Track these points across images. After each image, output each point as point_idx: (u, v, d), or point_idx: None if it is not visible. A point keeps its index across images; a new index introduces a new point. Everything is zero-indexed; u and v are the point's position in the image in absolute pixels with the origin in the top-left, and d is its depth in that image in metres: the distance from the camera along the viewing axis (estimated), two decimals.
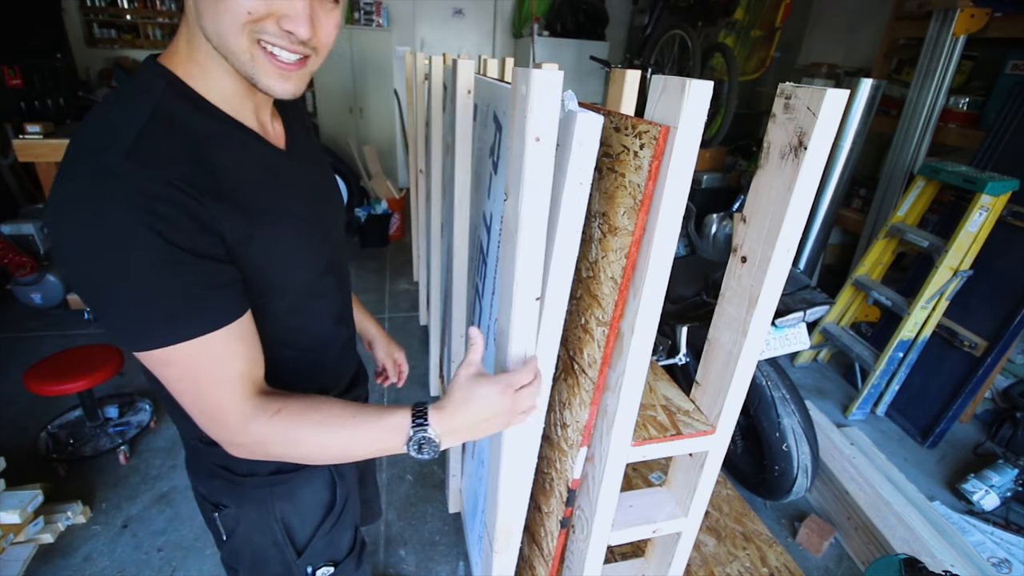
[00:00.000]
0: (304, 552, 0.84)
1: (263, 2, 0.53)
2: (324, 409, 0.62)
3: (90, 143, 0.52)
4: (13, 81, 3.26)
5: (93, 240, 0.50)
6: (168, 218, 0.51)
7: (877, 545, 1.70)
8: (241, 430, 0.60)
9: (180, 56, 0.59)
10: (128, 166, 0.50)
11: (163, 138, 0.54)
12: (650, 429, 0.83)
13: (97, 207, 0.49)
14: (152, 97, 0.56)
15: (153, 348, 0.54)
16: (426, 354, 2.71)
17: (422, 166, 2.58)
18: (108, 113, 0.55)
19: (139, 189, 0.50)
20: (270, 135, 0.68)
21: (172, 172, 0.52)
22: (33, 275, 2.83)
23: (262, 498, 0.78)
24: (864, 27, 3.43)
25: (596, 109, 0.68)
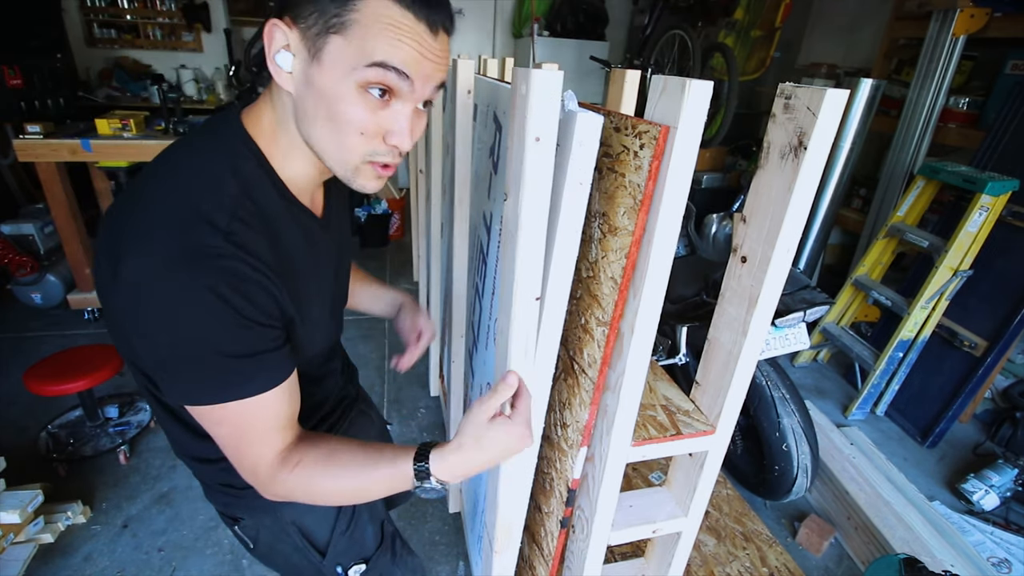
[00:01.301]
0: (327, 552, 0.84)
1: (374, 120, 0.56)
2: (338, 454, 0.65)
3: (182, 209, 0.53)
4: (13, 81, 3.26)
5: (176, 311, 0.52)
6: (252, 298, 0.55)
7: (877, 545, 1.70)
8: (270, 481, 0.63)
9: (264, 132, 0.61)
10: (225, 248, 0.53)
11: (252, 219, 0.57)
12: (650, 429, 0.83)
13: (189, 280, 0.51)
14: (243, 174, 0.58)
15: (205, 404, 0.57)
16: (426, 354, 2.71)
17: (422, 166, 2.58)
18: (197, 178, 0.56)
19: (232, 271, 0.53)
20: (315, 205, 0.70)
21: (259, 256, 0.56)
22: (33, 275, 2.83)
23: (269, 506, 0.79)
24: (864, 27, 3.43)
25: (596, 109, 0.68)
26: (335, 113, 0.55)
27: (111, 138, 2.63)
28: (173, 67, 4.60)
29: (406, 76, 0.54)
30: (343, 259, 0.81)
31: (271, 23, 0.53)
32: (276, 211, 0.61)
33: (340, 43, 0.52)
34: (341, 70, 0.52)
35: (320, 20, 0.51)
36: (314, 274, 0.69)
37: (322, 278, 0.72)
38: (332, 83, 0.53)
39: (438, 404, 2.44)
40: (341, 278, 0.81)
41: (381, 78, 0.53)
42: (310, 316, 0.68)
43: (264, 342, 0.57)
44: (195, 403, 0.57)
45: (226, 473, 0.74)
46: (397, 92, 0.55)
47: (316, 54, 0.53)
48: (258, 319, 0.56)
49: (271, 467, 0.63)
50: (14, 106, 3.33)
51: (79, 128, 2.75)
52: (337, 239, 0.76)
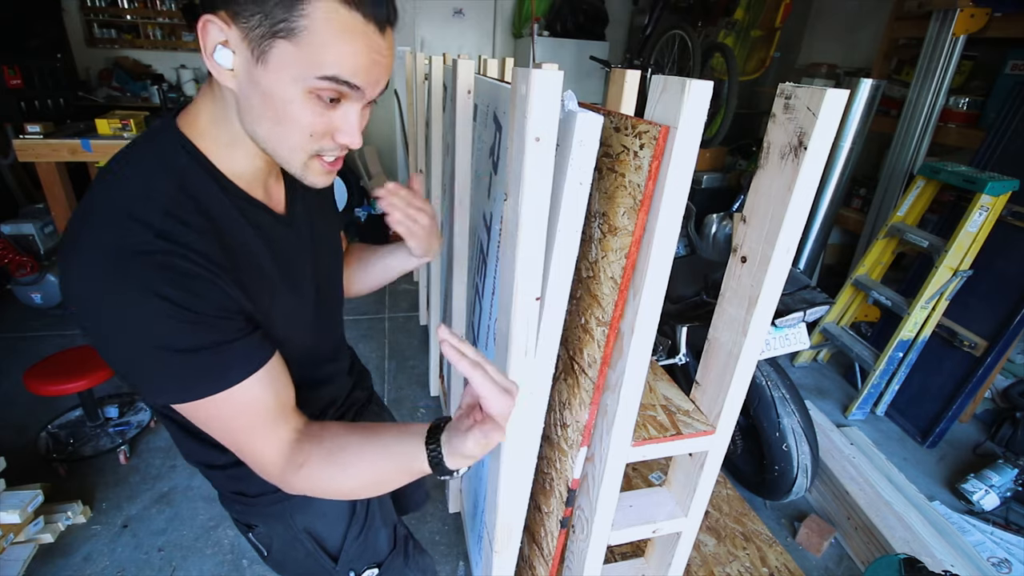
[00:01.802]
0: (340, 558, 0.84)
1: (322, 121, 0.56)
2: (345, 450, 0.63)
3: (114, 215, 0.52)
4: (13, 81, 3.26)
5: (123, 315, 0.51)
6: (197, 293, 0.53)
7: (877, 545, 1.70)
8: (280, 479, 0.63)
9: (201, 130, 0.59)
10: (159, 245, 0.51)
11: (189, 216, 0.55)
12: (650, 429, 0.83)
13: (125, 286, 0.50)
14: (176, 171, 0.57)
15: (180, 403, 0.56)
16: (426, 354, 2.71)
17: (422, 166, 2.58)
18: (131, 180, 0.55)
19: (169, 266, 0.51)
20: (272, 201, 0.68)
21: (199, 251, 0.54)
22: (33, 275, 2.83)
23: (281, 513, 0.79)
24: (864, 27, 3.43)
25: (596, 109, 0.68)
26: (283, 115, 0.54)
27: (111, 138, 2.63)
28: (173, 67, 4.60)
29: (356, 86, 0.54)
30: (321, 255, 0.78)
31: (205, 19, 0.51)
32: (219, 206, 0.59)
33: (288, 48, 0.50)
34: (289, 75, 0.52)
35: (265, 22, 0.50)
36: (279, 269, 0.66)
37: (292, 275, 0.69)
38: (279, 87, 0.52)
39: (438, 404, 2.44)
40: (322, 274, 0.78)
41: (332, 88, 0.53)
42: (279, 312, 0.66)
43: (223, 333, 0.55)
44: (171, 402, 0.57)
45: (236, 480, 0.74)
46: (346, 96, 0.55)
47: (261, 56, 0.51)
48: (209, 312, 0.54)
49: (277, 464, 0.62)
50: (14, 106, 3.33)
51: (79, 128, 2.75)
52: (308, 235, 0.74)
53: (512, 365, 0.76)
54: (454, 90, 1.27)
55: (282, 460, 0.62)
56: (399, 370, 2.69)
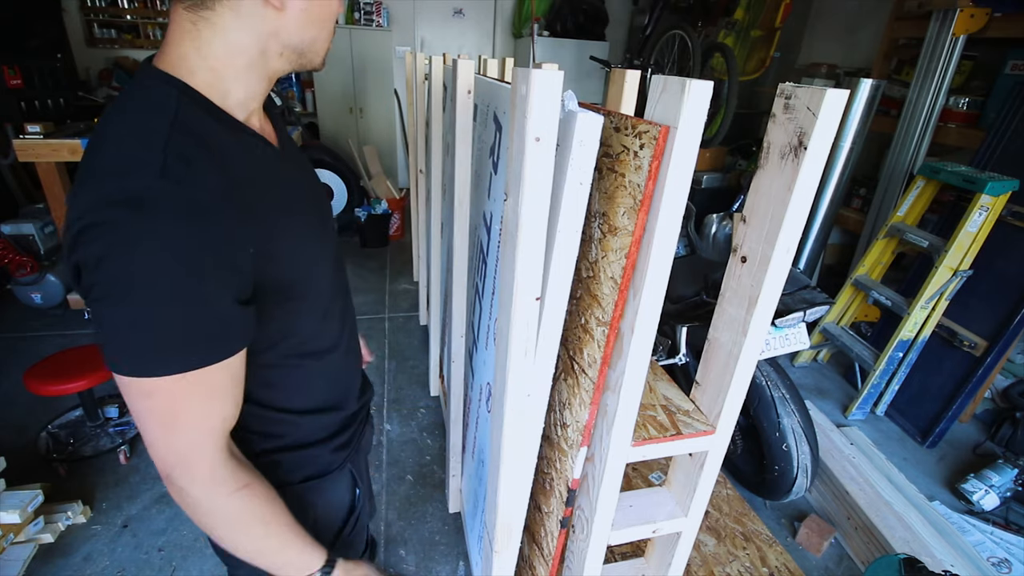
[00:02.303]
0: None
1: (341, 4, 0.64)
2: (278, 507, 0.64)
3: (114, 163, 0.50)
4: (13, 81, 3.26)
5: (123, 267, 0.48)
6: (203, 247, 0.50)
7: (877, 545, 1.70)
8: (203, 485, 0.58)
9: (189, 64, 0.56)
10: (162, 188, 0.48)
11: (191, 152, 0.52)
12: (650, 429, 0.83)
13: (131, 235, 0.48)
14: (168, 108, 0.53)
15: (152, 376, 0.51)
16: (426, 354, 2.71)
17: (422, 166, 2.58)
18: (122, 127, 0.53)
19: (176, 214, 0.49)
20: (266, 134, 0.67)
21: (207, 189, 0.51)
22: (33, 275, 2.83)
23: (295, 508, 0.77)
24: (864, 27, 3.43)
25: (596, 109, 0.68)
26: (324, 12, 0.61)
27: None
28: None
29: None
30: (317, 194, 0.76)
31: None
32: (219, 141, 0.56)
33: None
34: None
35: None
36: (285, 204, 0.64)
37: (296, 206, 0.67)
38: None
39: (438, 404, 2.44)
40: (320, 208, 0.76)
41: None
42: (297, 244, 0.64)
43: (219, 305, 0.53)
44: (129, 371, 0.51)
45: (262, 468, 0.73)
46: None
47: None
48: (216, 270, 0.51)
49: (212, 468, 0.57)
50: (14, 106, 3.33)
51: (79, 128, 2.75)
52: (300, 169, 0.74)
53: (512, 365, 0.76)
54: (454, 90, 1.27)
55: (220, 470, 0.58)
56: (399, 370, 2.69)
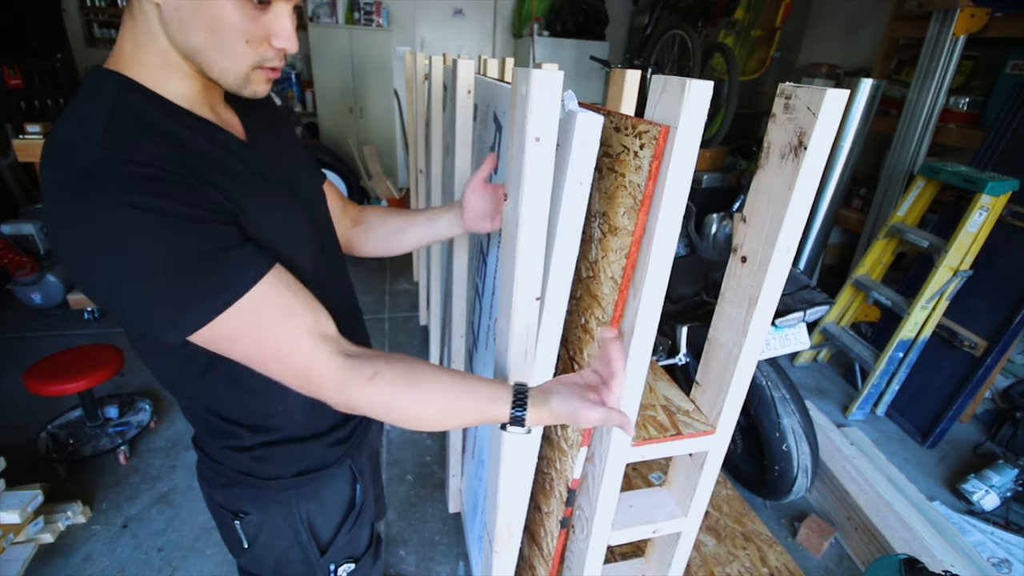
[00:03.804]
0: (328, 551, 0.84)
1: (257, 27, 0.55)
2: (423, 376, 0.63)
3: (59, 153, 0.51)
4: (13, 81, 3.26)
5: (93, 242, 0.48)
6: (160, 192, 0.49)
7: (877, 545, 1.70)
8: (338, 391, 0.60)
9: (126, 59, 0.57)
10: (105, 155, 0.49)
11: (130, 132, 0.52)
12: (650, 429, 0.83)
13: (87, 205, 0.48)
14: (107, 98, 0.54)
15: (199, 328, 0.52)
16: (426, 354, 2.71)
17: (422, 166, 2.58)
18: (67, 123, 0.54)
19: (123, 173, 0.49)
20: (228, 126, 0.66)
21: (150, 160, 0.51)
22: (33, 275, 2.83)
23: (287, 499, 0.78)
24: (864, 27, 3.43)
25: (596, 109, 0.68)
26: (216, 23, 0.53)
27: None
28: None
29: None
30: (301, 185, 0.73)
31: None
32: (165, 126, 0.56)
33: None
34: None
35: None
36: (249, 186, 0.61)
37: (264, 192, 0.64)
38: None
39: None
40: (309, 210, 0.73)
41: None
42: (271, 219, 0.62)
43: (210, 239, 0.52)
44: (189, 329, 0.52)
45: (254, 461, 0.74)
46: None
47: None
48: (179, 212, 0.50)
49: (330, 374, 0.58)
50: (14, 106, 3.33)
51: None
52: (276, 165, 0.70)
53: (512, 365, 0.76)
54: (454, 90, 1.27)
55: (339, 372, 0.59)
56: None
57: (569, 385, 0.65)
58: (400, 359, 0.64)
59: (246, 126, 0.69)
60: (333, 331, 0.62)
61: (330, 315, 0.63)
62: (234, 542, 0.81)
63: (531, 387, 0.66)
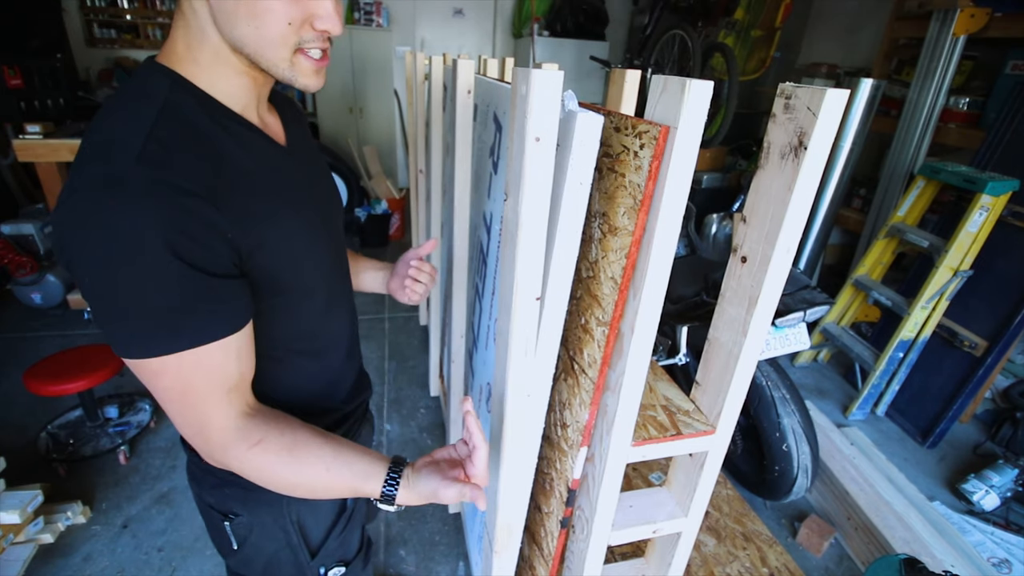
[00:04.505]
0: (318, 553, 0.84)
1: (298, 8, 0.55)
2: (304, 447, 0.63)
3: (98, 149, 0.52)
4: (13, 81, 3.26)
5: (100, 250, 0.49)
6: (177, 227, 0.51)
7: (877, 545, 1.70)
8: (221, 450, 0.61)
9: (179, 56, 0.58)
10: (139, 172, 0.50)
11: (174, 139, 0.53)
12: (650, 429, 0.83)
13: (106, 216, 0.49)
14: (158, 97, 0.55)
15: (150, 357, 0.54)
16: (426, 354, 2.71)
17: (422, 166, 2.58)
18: (114, 115, 0.55)
19: (150, 195, 0.50)
20: (269, 129, 0.67)
21: (185, 176, 0.52)
22: (33, 275, 2.83)
23: (277, 501, 0.77)
24: (864, 27, 3.43)
25: (596, 109, 0.68)
26: (258, 8, 0.53)
27: None
28: None
29: None
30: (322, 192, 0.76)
31: None
32: (210, 129, 0.57)
33: None
34: None
35: None
36: (282, 198, 0.64)
37: (296, 204, 0.66)
38: None
39: (438, 404, 2.44)
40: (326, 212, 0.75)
41: None
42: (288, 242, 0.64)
43: (201, 288, 0.54)
44: (130, 355, 0.54)
45: None
46: None
47: None
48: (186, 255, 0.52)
49: (224, 432, 0.60)
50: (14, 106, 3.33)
51: (79, 128, 2.76)
52: (307, 170, 0.73)
53: (512, 365, 0.76)
54: (454, 90, 1.27)
55: (232, 432, 0.60)
56: (399, 371, 2.69)
57: (433, 464, 0.67)
58: (291, 428, 0.64)
59: (286, 129, 0.71)
60: (246, 386, 0.63)
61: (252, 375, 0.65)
62: (223, 543, 0.81)
63: (407, 464, 0.67)
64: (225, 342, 0.57)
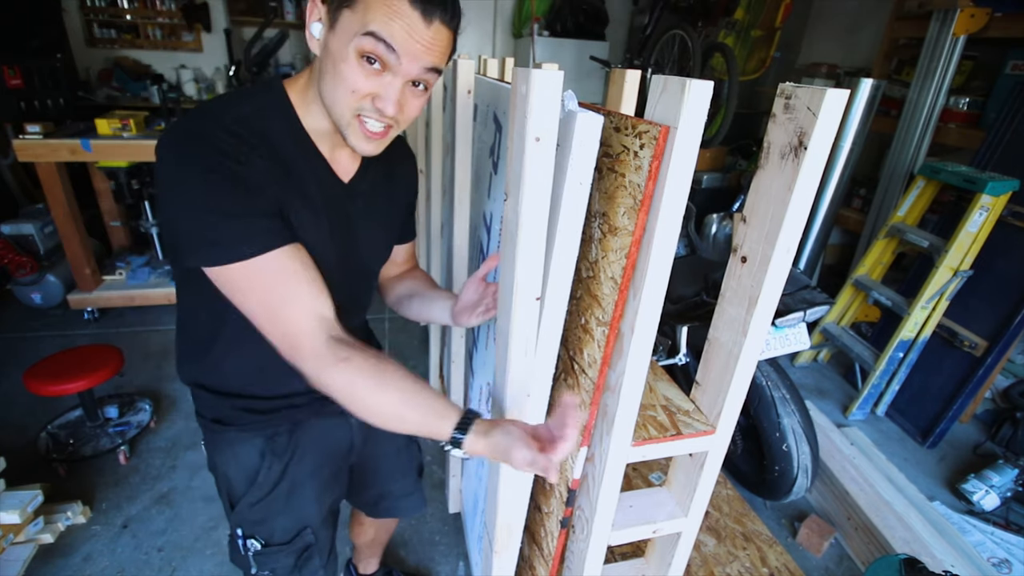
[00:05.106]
0: (235, 508, 0.90)
1: (366, 83, 0.67)
2: (388, 374, 0.69)
3: (205, 110, 0.70)
4: (13, 81, 3.25)
5: (177, 178, 0.65)
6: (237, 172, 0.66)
7: (877, 545, 1.70)
8: (313, 359, 0.68)
9: (297, 88, 0.75)
10: (219, 134, 0.66)
11: (252, 136, 0.69)
12: (650, 429, 0.83)
13: (186, 152, 0.65)
14: (261, 105, 0.72)
15: (237, 260, 0.65)
16: (426, 354, 2.70)
17: (422, 166, 2.58)
18: (225, 99, 0.72)
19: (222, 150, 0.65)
20: (338, 165, 0.80)
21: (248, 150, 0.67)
22: (33, 275, 2.83)
23: (214, 440, 0.89)
24: (864, 27, 3.43)
25: (596, 109, 0.68)
26: (337, 72, 0.66)
27: (111, 138, 2.62)
28: (173, 67, 4.60)
29: (393, 49, 0.64)
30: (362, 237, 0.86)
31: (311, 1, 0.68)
32: (283, 142, 0.72)
33: (348, 15, 0.64)
34: (346, 36, 0.64)
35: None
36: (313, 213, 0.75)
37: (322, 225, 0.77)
38: (339, 47, 0.65)
39: None
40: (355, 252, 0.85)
41: (372, 47, 0.64)
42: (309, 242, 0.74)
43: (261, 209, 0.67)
44: (212, 262, 0.66)
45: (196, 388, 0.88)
46: (387, 64, 0.66)
47: (332, 24, 0.65)
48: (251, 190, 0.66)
49: (313, 340, 0.68)
50: (14, 106, 3.32)
51: (79, 128, 2.75)
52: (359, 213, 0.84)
53: (512, 365, 0.76)
54: (454, 90, 1.27)
55: (320, 340, 0.68)
56: None
57: (521, 427, 0.68)
58: (376, 355, 0.70)
59: (360, 174, 0.83)
60: (330, 313, 0.72)
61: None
62: None
63: (483, 418, 0.69)
64: (290, 250, 0.69)
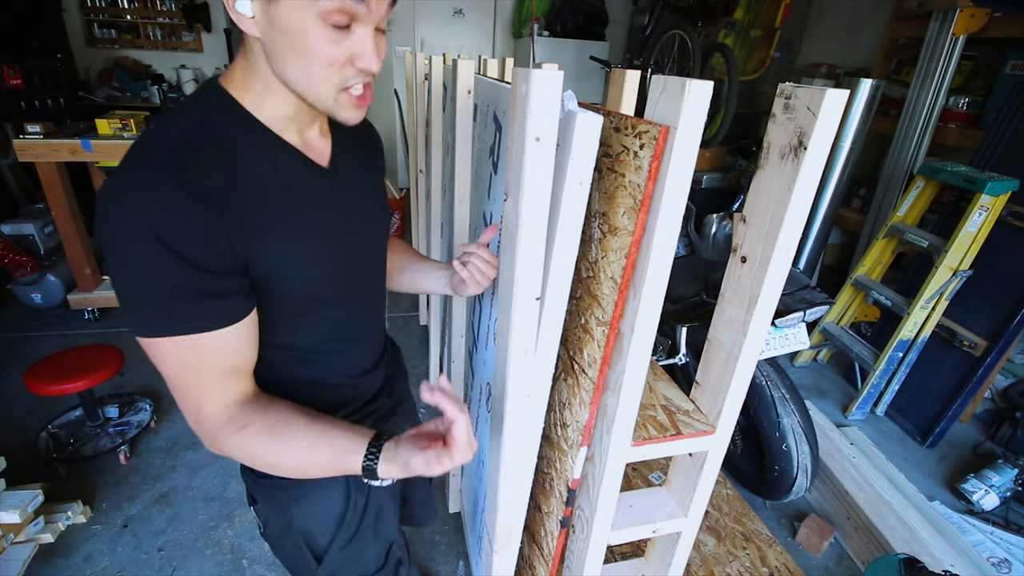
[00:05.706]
0: (323, 561, 0.84)
1: (339, 50, 0.58)
2: (289, 428, 0.66)
3: (139, 147, 0.59)
4: (13, 81, 3.25)
5: (118, 236, 0.55)
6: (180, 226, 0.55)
7: (877, 545, 1.70)
8: (210, 435, 0.65)
9: (236, 81, 0.64)
10: (160, 172, 0.55)
11: (201, 148, 0.59)
12: (650, 429, 0.83)
13: (126, 207, 0.55)
14: (203, 110, 0.62)
15: (150, 337, 0.59)
16: (426, 354, 2.71)
17: (422, 166, 2.58)
18: (165, 118, 0.62)
19: (162, 195, 0.55)
20: (312, 151, 0.70)
21: (200, 181, 0.57)
22: (33, 275, 2.83)
23: (278, 499, 0.80)
24: (864, 27, 3.43)
25: (596, 109, 0.68)
26: (302, 49, 0.56)
27: (111, 138, 2.63)
28: (173, 67, 4.61)
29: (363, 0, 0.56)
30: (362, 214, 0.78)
31: None
32: (240, 143, 0.62)
33: None
34: (300, 3, 0.54)
35: None
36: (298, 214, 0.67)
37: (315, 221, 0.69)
38: (294, 19, 0.55)
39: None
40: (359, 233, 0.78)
41: (340, 4, 0.54)
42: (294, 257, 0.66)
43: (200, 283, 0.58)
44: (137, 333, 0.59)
45: None
46: (356, 15, 0.57)
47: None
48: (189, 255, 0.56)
49: (214, 420, 0.64)
50: (14, 106, 3.32)
51: (79, 128, 2.75)
52: (351, 191, 0.75)
53: (512, 365, 0.76)
54: (454, 90, 1.27)
55: (222, 418, 0.64)
56: None
57: (415, 436, 0.67)
58: (277, 410, 0.67)
59: (336, 151, 0.74)
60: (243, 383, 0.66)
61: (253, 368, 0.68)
62: (257, 524, 0.87)
63: (391, 439, 0.68)
64: (219, 333, 0.61)
